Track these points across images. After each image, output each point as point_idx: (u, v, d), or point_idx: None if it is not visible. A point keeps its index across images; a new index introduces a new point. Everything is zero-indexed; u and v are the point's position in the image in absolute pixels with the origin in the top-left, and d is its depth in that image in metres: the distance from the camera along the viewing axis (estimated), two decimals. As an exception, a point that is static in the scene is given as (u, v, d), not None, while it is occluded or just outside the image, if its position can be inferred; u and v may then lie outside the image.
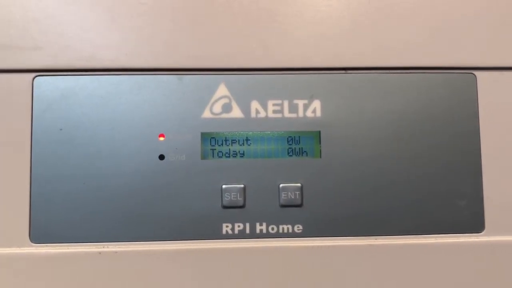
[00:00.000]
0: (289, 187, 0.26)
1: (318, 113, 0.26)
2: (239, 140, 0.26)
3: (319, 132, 0.26)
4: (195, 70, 0.26)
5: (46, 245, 0.25)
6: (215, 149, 0.26)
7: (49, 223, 0.25)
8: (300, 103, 0.26)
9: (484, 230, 0.26)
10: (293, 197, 0.26)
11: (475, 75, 0.26)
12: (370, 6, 0.26)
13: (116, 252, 0.25)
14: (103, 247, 0.25)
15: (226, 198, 0.25)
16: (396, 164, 0.26)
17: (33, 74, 0.25)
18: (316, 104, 0.26)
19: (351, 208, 0.26)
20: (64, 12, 0.26)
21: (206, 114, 0.26)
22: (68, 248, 0.25)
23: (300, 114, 0.26)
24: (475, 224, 0.26)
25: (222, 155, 0.26)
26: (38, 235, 0.25)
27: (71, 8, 0.26)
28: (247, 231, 0.25)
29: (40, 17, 0.25)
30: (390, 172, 0.26)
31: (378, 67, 0.26)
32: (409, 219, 0.26)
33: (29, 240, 0.25)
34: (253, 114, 0.26)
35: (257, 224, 0.25)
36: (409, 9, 0.27)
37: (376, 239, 0.25)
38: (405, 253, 0.25)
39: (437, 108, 0.26)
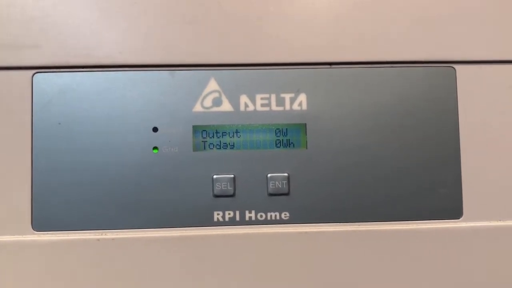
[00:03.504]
0: (277, 177, 0.27)
1: (304, 106, 0.27)
2: (229, 133, 0.27)
3: (305, 124, 0.27)
4: (186, 66, 0.27)
5: (48, 233, 0.26)
6: (206, 141, 0.27)
7: (50, 212, 0.26)
8: (287, 96, 0.27)
9: (462, 216, 0.27)
10: (280, 186, 0.27)
11: (454, 69, 0.27)
12: (352, 3, 0.27)
13: (113, 239, 0.26)
14: (102, 235, 0.26)
15: (217, 188, 0.26)
16: (378, 155, 0.27)
17: (33, 71, 0.26)
18: (302, 97, 0.27)
19: (335, 196, 0.27)
20: (61, 11, 0.27)
21: (197, 108, 0.27)
22: (68, 236, 0.26)
23: (287, 107, 0.27)
24: (454, 210, 0.27)
25: (213, 147, 0.27)
26: (39, 223, 0.26)
27: (68, 8, 0.27)
28: (237, 218, 0.27)
29: (39, 16, 0.26)
30: (372, 163, 0.27)
31: (361, 61, 0.27)
32: (391, 206, 0.27)
33: (31, 228, 0.26)
34: (242, 108, 0.27)
35: (247, 212, 0.27)
36: (390, 5, 0.27)
37: (359, 225, 0.26)
38: (387, 238, 0.26)
39: (418, 100, 0.27)
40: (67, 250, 0.26)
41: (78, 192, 0.26)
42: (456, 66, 0.27)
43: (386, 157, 0.27)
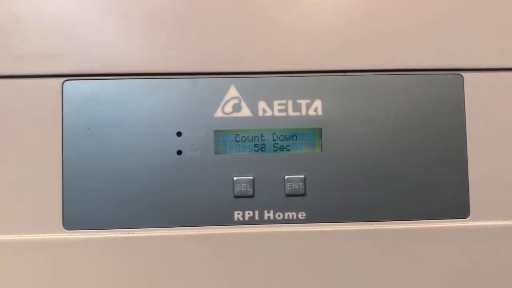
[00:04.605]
0: (294, 179, 0.28)
1: (320, 112, 0.28)
2: (248, 137, 0.28)
3: (321, 129, 0.28)
4: (207, 74, 0.28)
5: (78, 231, 0.27)
6: (227, 145, 0.28)
7: (80, 212, 0.27)
8: (303, 102, 0.28)
9: (469, 216, 0.28)
10: (297, 188, 0.28)
11: (462, 76, 0.29)
12: (365, 14, 0.29)
13: (140, 237, 0.27)
14: (129, 233, 0.27)
15: (237, 189, 0.28)
16: (389, 157, 0.28)
17: (63, 79, 0.28)
18: (318, 103, 0.28)
19: (349, 196, 0.28)
20: (89, 22, 0.28)
21: (218, 113, 0.28)
22: (97, 234, 0.27)
23: (303, 112, 0.28)
24: (461, 210, 0.28)
25: (233, 150, 0.28)
26: (70, 222, 0.27)
27: (95, 19, 0.28)
28: (256, 218, 0.28)
29: (68, 27, 0.28)
30: (384, 165, 0.28)
31: (374, 69, 0.28)
32: (401, 206, 0.28)
33: (62, 227, 0.27)
34: (260, 113, 0.28)
35: (265, 212, 0.28)
36: (400, 16, 0.29)
37: (371, 224, 0.28)
38: (397, 237, 0.28)
39: (427, 106, 0.28)
40: (96, 247, 0.27)
41: (107, 193, 0.27)
42: (463, 73, 0.29)
43: (397, 160, 0.28)
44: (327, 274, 0.28)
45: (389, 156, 0.28)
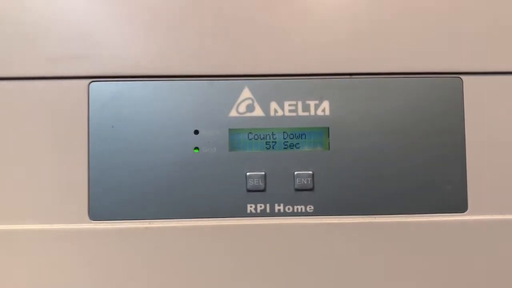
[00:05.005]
0: (303, 174, 0.30)
1: (327, 112, 0.30)
2: (260, 135, 0.30)
3: (328, 128, 0.30)
4: (223, 76, 0.30)
5: (102, 222, 0.29)
6: (240, 142, 0.30)
7: (104, 204, 0.29)
8: (312, 103, 0.30)
9: (467, 210, 0.30)
10: (305, 183, 0.30)
11: (461, 79, 0.31)
12: (369, 22, 0.30)
13: (159, 227, 0.29)
14: (149, 224, 0.29)
15: (250, 183, 0.30)
16: (392, 155, 0.30)
17: (89, 80, 0.30)
18: (326, 104, 0.30)
19: (354, 191, 0.30)
20: (114, 29, 0.30)
21: (233, 113, 0.30)
22: (120, 224, 0.29)
23: (312, 112, 0.30)
24: (460, 205, 0.30)
25: (247, 147, 0.30)
26: (95, 213, 0.29)
27: (119, 26, 0.30)
28: (268, 210, 0.30)
29: (94, 33, 0.30)
30: (387, 162, 0.30)
31: (377, 72, 0.30)
32: (403, 201, 0.30)
33: (88, 218, 0.29)
34: (272, 113, 0.30)
35: (276, 205, 0.30)
36: (402, 22, 0.30)
37: (375, 218, 0.30)
38: (399, 229, 0.30)
39: (428, 107, 0.30)
40: (118, 237, 0.29)
41: (129, 186, 0.29)
42: (463, 77, 0.30)
43: (399, 158, 0.30)
44: (333, 262, 0.30)
45: (392, 154, 0.30)
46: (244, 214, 0.30)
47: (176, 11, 0.30)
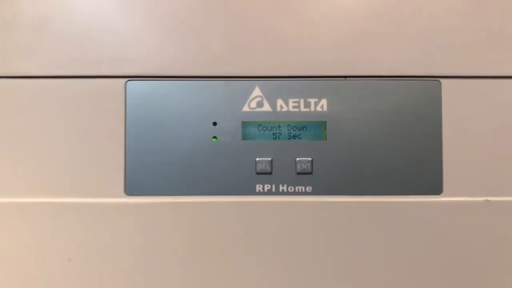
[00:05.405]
0: (303, 161, 0.35)
1: (325, 108, 0.35)
2: (268, 127, 0.35)
3: (326, 122, 0.35)
4: (237, 77, 0.35)
5: (136, 197, 0.34)
6: (251, 133, 0.35)
7: (138, 181, 0.35)
8: (312, 101, 0.35)
9: (443, 193, 0.35)
10: (305, 167, 0.34)
11: (440, 82, 0.35)
12: (359, 31, 0.35)
13: (184, 202, 0.34)
14: (175, 199, 0.34)
15: (258, 167, 0.35)
16: (378, 145, 0.34)
17: (126, 79, 0.35)
18: (324, 102, 0.35)
19: (346, 175, 0.34)
20: (147, 36, 0.35)
21: (246, 108, 0.35)
22: (151, 199, 0.34)
23: (312, 109, 0.35)
24: (436, 188, 0.34)
25: (256, 137, 0.35)
26: (130, 189, 0.35)
27: (152, 33, 0.35)
28: (273, 190, 0.34)
29: (131, 39, 0.35)
30: (374, 151, 0.34)
31: (369, 75, 0.34)
32: (387, 183, 0.34)
33: (124, 193, 0.35)
34: (278, 109, 0.35)
35: (280, 186, 0.34)
36: (390, 30, 0.34)
37: (363, 197, 0.34)
38: (383, 207, 0.34)
39: (411, 105, 0.35)
40: (149, 209, 0.34)
41: (158, 167, 0.35)
42: (441, 80, 0.35)
43: (384, 147, 0.34)
44: (326, 233, 0.34)
45: (378, 144, 0.35)
46: (253, 193, 0.34)
47: (199, 22, 0.35)
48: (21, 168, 0.35)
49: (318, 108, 0.35)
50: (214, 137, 0.35)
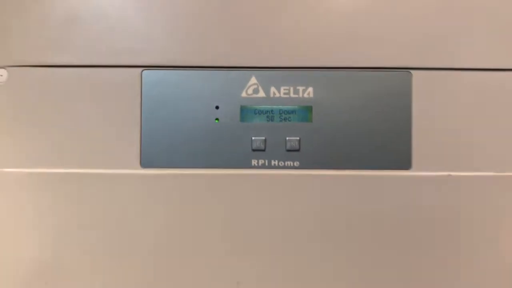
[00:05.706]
0: (292, 140, 0.39)
1: (311, 95, 0.39)
2: (262, 111, 0.39)
3: (311, 106, 0.39)
4: (236, 67, 0.39)
5: (150, 169, 0.39)
6: (248, 116, 0.39)
7: (151, 155, 0.39)
8: (300, 88, 0.39)
9: (412, 168, 0.39)
10: (294, 145, 0.38)
11: (411, 73, 0.41)
12: (343, 27, 0.39)
13: (190, 174, 0.39)
14: (183, 171, 0.39)
15: (254, 145, 0.38)
16: (358, 127, 0.38)
17: (142, 68, 0.39)
18: (310, 89, 0.39)
19: (329, 152, 0.39)
20: (160, 29, 0.40)
21: (244, 94, 0.39)
22: (164, 171, 0.39)
23: (300, 95, 0.39)
24: (405, 163, 0.39)
25: (253, 120, 0.39)
26: (145, 162, 0.39)
27: (164, 28, 0.40)
28: (266, 164, 0.38)
29: (147, 31, 0.39)
30: (352, 131, 0.38)
31: (349, 66, 0.38)
32: (363, 159, 0.38)
33: (139, 166, 0.39)
34: (271, 95, 0.39)
35: (272, 161, 0.39)
36: (367, 25, 0.38)
37: (343, 171, 0.39)
38: (359, 180, 0.38)
39: (385, 92, 0.38)
40: (162, 180, 0.39)
41: (169, 143, 0.39)
42: (412, 71, 0.40)
43: (361, 127, 0.38)
44: (311, 203, 0.39)
45: (357, 126, 0.39)
46: (249, 166, 0.38)
47: (204, 18, 0.41)
48: (49, 141, 0.40)
49: (306, 95, 0.39)
50: (217, 119, 0.39)
